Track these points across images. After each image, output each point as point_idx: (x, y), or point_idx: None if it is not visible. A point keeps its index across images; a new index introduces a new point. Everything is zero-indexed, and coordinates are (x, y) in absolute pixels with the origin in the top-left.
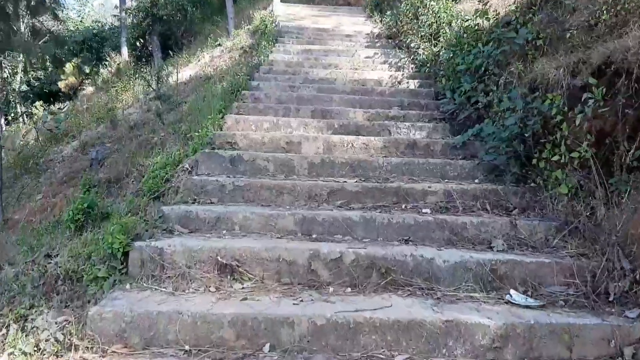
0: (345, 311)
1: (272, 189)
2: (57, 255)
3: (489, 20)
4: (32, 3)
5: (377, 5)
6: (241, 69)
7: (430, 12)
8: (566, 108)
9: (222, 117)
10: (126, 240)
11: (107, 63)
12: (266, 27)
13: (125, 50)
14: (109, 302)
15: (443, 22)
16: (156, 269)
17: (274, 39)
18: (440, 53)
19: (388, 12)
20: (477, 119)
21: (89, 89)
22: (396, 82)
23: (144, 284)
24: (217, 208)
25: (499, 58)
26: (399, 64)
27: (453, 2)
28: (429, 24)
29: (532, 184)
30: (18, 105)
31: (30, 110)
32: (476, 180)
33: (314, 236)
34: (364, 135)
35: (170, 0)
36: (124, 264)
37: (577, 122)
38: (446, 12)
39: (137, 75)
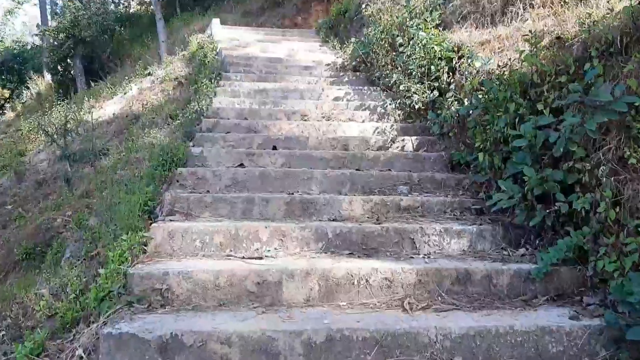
0: None
1: None
2: None
3: (540, 66)
4: None
5: (331, 28)
6: (176, 113)
7: (417, 43)
8: None
9: (148, 223)
10: None
11: (29, 86)
12: (206, 56)
13: (47, 74)
14: None
15: (436, 58)
16: None
17: (217, 74)
18: (448, 104)
19: (352, 39)
20: (551, 225)
21: (10, 115)
22: (388, 141)
23: None
24: None
25: (593, 135)
26: (381, 110)
27: (442, 31)
28: (419, 59)
29: None
30: None
31: None
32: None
33: None
34: (377, 255)
35: (94, 20)
36: None
37: None
38: (440, 45)
39: (50, 112)
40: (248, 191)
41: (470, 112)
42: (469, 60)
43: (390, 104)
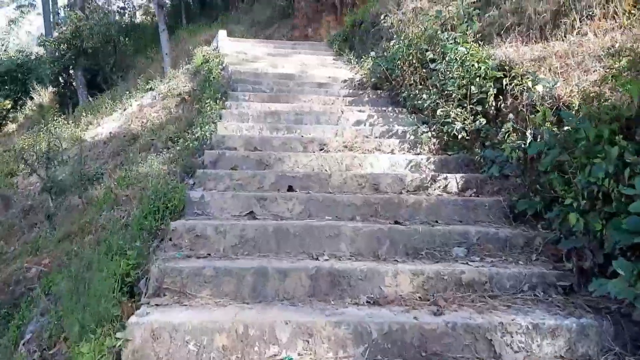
0: None
1: None
2: None
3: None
4: None
5: (345, 40)
6: (177, 136)
7: (454, 60)
8: None
9: (128, 307)
10: None
11: (32, 97)
12: (211, 72)
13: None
14: None
15: (478, 77)
16: None
17: (224, 93)
18: (504, 136)
19: (372, 53)
20: None
21: (11, 126)
22: (427, 179)
23: None
24: None
25: None
26: (412, 137)
27: (483, 46)
28: (458, 79)
29: None
30: None
31: None
32: None
33: None
34: None
35: (96, 30)
36: None
37: None
38: (484, 63)
39: (46, 128)
40: (260, 252)
41: (544, 151)
42: (527, 83)
43: (425, 131)
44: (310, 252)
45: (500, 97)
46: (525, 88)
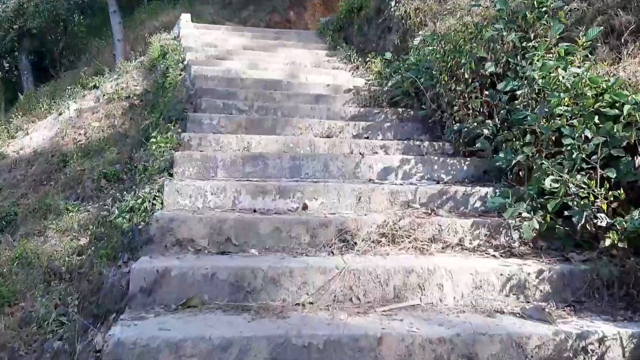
0: None
1: None
2: None
3: None
4: None
5: (340, 29)
6: (114, 171)
7: (553, 84)
8: None
9: None
10: None
11: None
12: (167, 73)
13: None
14: None
15: (602, 118)
16: None
17: (181, 114)
18: None
19: (387, 55)
20: None
21: None
22: (570, 345)
23: None
24: None
25: None
26: (480, 207)
27: (597, 64)
28: (574, 118)
29: None
30: None
31: None
32: None
33: None
34: None
35: (42, 8)
36: None
37: None
38: (619, 96)
39: None
40: None
41: None
42: None
43: (527, 217)
44: None
45: None
46: None
